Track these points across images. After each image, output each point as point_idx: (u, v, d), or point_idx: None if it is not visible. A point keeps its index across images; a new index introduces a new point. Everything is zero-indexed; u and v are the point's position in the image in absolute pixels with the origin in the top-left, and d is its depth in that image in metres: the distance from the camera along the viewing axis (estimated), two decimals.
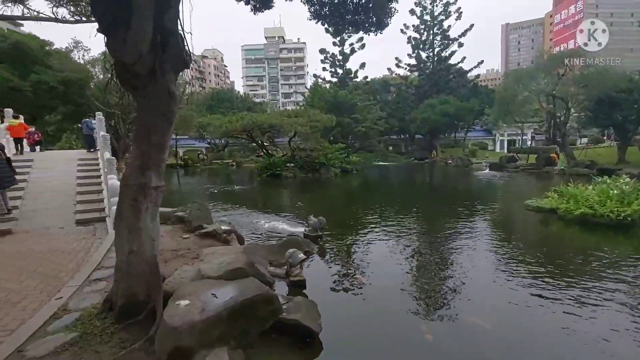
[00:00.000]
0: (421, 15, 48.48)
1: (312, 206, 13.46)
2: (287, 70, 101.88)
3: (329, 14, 5.85)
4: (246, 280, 3.52)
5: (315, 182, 22.28)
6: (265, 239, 8.12)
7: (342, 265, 6.42)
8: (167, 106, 3.16)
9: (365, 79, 50.55)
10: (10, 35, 27.64)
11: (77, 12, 6.75)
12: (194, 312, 2.85)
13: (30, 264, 5.03)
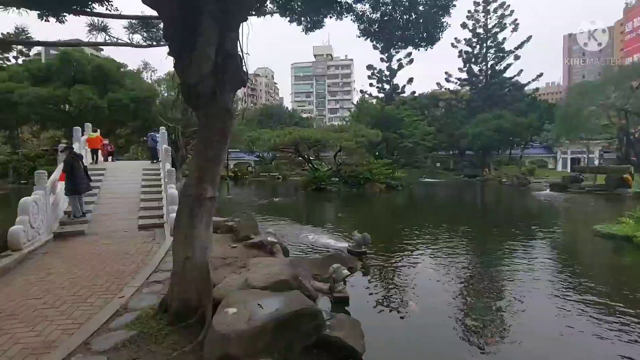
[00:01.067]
0: (474, 28, 46.96)
1: (355, 221, 13.33)
2: (334, 87, 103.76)
3: (378, 31, 5.89)
4: (291, 293, 3.55)
5: (360, 197, 22.08)
6: (309, 252, 8.16)
7: (387, 285, 6.22)
8: (224, 122, 3.37)
9: (412, 94, 49.76)
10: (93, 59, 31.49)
11: (149, 37, 7.51)
12: (241, 321, 2.93)
13: (99, 263, 5.54)
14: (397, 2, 5.46)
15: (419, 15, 5.54)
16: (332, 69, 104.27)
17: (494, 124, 39.21)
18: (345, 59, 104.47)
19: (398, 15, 5.60)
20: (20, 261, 5.58)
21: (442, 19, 5.56)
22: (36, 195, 6.86)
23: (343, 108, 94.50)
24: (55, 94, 28.96)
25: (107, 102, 28.88)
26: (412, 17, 5.61)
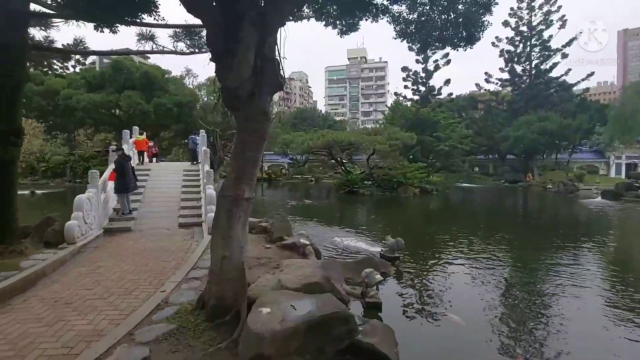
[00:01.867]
0: (517, 26, 44.59)
1: (388, 226, 13.09)
2: (367, 89, 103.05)
3: (414, 32, 5.76)
4: (324, 296, 3.54)
5: (393, 201, 21.67)
6: (341, 255, 8.12)
7: (420, 292, 6.04)
8: (262, 125, 3.46)
9: (449, 96, 48.19)
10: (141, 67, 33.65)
11: (192, 45, 7.91)
12: (275, 321, 2.97)
13: (143, 258, 5.88)
14: (435, 2, 5.32)
15: (458, 14, 5.36)
16: (366, 71, 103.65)
17: (538, 126, 36.90)
18: (379, 62, 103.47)
19: (436, 15, 5.46)
20: (75, 254, 6.05)
21: (483, 18, 5.34)
22: (89, 193, 7.43)
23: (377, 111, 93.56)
24: (107, 99, 31.33)
25: (153, 106, 30.77)
26: (450, 17, 5.44)
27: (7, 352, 2.97)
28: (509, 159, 44.59)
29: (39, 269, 4.92)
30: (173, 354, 2.96)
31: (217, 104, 3.78)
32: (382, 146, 26.27)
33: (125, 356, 2.85)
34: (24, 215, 6.53)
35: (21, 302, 4.11)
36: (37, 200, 20.69)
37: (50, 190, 26.59)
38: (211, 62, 3.42)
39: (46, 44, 7.56)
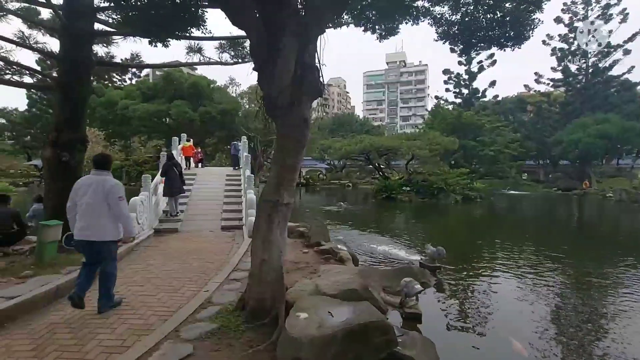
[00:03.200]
0: (570, 22, 41.48)
1: (428, 233, 12.66)
2: (406, 94, 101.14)
3: (458, 33, 5.57)
4: (362, 303, 3.49)
5: (433, 208, 20.96)
6: (379, 263, 7.98)
7: (463, 306, 5.74)
8: (302, 131, 3.52)
9: (495, 98, 45.89)
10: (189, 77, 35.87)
11: (235, 55, 8.30)
12: (312, 327, 2.98)
13: (189, 258, 6.19)
14: (480, 1, 5.11)
15: (505, 13, 5.10)
16: (405, 75, 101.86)
17: (595, 129, 33.84)
18: (419, 65, 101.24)
19: (481, 14, 5.24)
20: (129, 252, 6.53)
21: (533, 16, 5.04)
22: (142, 196, 8.00)
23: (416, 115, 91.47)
24: (159, 109, 33.75)
25: (199, 115, 32.66)
26: (497, 16, 5.19)
27: (69, 340, 3.26)
28: (562, 164, 41.34)
29: None
30: (215, 352, 3.07)
31: (258, 112, 3.92)
32: (421, 151, 25.61)
33: (171, 352, 3.01)
34: None
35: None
36: None
37: None
38: (254, 71, 3.56)
39: (107, 59, 8.30)
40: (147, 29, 5.24)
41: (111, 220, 3.81)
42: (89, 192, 3.79)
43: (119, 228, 3.88)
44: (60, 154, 6.05)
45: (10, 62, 6.74)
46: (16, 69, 7.03)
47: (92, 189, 3.79)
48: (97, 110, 34.42)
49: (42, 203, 6.84)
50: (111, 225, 3.82)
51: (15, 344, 3.19)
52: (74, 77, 6.31)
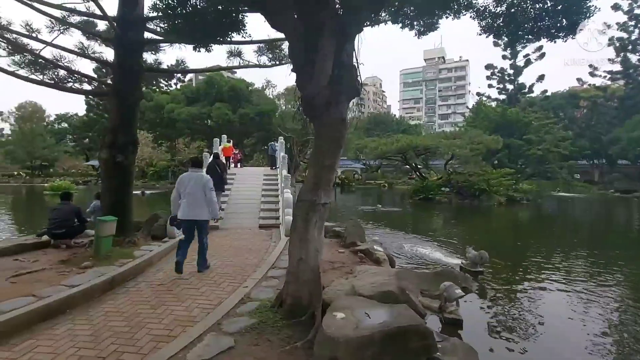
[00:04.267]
0: (630, 9, 37.67)
1: (469, 237, 12.13)
2: (446, 91, 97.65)
3: (503, 26, 5.28)
4: (399, 306, 3.42)
5: (474, 210, 20.05)
6: (416, 265, 7.78)
7: (507, 313, 5.43)
8: (339, 132, 3.53)
9: (543, 93, 42.94)
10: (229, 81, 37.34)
11: (273, 58, 8.48)
12: (349, 327, 2.97)
13: (229, 255, 6.44)
14: None
15: (556, 1, 4.75)
16: (444, 72, 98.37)
17: None
18: (459, 61, 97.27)
19: (529, 5, 4.92)
20: (174, 247, 6.88)
21: (588, 3, 4.64)
22: None
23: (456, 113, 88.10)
24: (201, 111, 35.54)
25: (238, 116, 33.94)
26: (547, 5, 4.85)
27: (123, 328, 3.51)
28: (620, 164, 37.67)
29: (147, 258, 5.74)
30: (254, 347, 3.16)
31: (296, 112, 3.98)
32: (461, 150, 24.60)
33: (214, 344, 3.14)
34: (137, 211, 7.66)
35: (134, 285, 4.83)
36: (147, 199, 24.20)
37: (157, 190, 30.93)
38: (292, 72, 3.62)
39: (156, 66, 8.85)
40: (191, 36, 5.51)
41: (206, 205, 5.16)
42: (190, 184, 5.13)
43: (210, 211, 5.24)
44: (115, 155, 6.56)
45: (72, 71, 7.40)
46: (77, 77, 7.70)
47: (193, 182, 5.15)
48: (146, 114, 36.91)
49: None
50: (206, 208, 5.18)
51: (77, 329, 3.50)
52: (127, 84, 6.80)
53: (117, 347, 3.14)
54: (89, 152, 52.07)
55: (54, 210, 6.65)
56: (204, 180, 5.26)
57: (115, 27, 6.57)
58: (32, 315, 3.56)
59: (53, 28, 7.19)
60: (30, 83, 6.93)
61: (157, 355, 2.97)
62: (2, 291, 4.09)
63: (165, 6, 4.75)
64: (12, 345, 3.14)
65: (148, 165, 40.44)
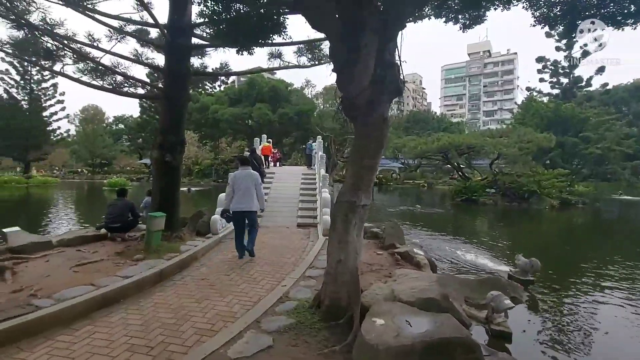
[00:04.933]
0: None
1: (517, 242, 11.39)
2: (491, 86, 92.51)
3: (560, 15, 4.85)
4: (443, 315, 3.27)
5: (523, 214, 18.78)
6: (460, 271, 7.43)
7: (562, 328, 4.98)
8: (381, 132, 3.44)
9: (603, 87, 39.10)
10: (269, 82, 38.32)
11: (312, 58, 8.50)
12: (389, 335, 2.88)
13: (268, 252, 6.57)
14: None
15: None
16: (489, 66, 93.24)
17: None
18: (506, 54, 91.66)
19: None
20: (217, 243, 7.21)
21: None
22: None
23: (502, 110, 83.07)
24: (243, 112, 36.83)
25: (277, 116, 34.72)
26: None
27: (170, 320, 3.70)
28: None
29: (192, 253, 6.03)
30: (293, 347, 3.18)
31: (336, 112, 3.94)
32: (509, 149, 23.13)
33: (253, 341, 3.20)
34: (183, 208, 8.07)
35: (180, 279, 5.08)
36: (192, 196, 25.49)
37: (201, 188, 32.52)
38: (333, 73, 3.58)
39: (202, 69, 9.25)
40: (235, 39, 5.69)
41: (255, 199, 6.01)
42: (243, 180, 5.98)
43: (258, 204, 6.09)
44: (164, 154, 6.95)
45: (128, 76, 7.96)
46: (132, 82, 8.27)
47: (245, 178, 6.00)
48: (192, 115, 38.94)
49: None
50: (256, 201, 6.03)
51: (129, 318, 3.74)
52: (176, 87, 7.17)
53: (164, 337, 3.31)
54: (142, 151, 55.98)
55: (111, 206, 7.20)
56: (254, 176, 6.10)
57: (165, 34, 6.95)
58: (91, 303, 3.87)
59: (111, 37, 7.76)
60: (91, 88, 7.55)
61: (200, 349, 3.09)
62: (67, 279, 4.49)
63: (211, 12, 4.94)
64: (74, 330, 3.42)
65: (194, 164, 42.62)
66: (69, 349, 3.08)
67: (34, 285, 4.18)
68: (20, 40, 6.86)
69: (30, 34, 6.71)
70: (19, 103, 46.35)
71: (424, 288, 4.25)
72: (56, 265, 5.06)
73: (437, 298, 4.03)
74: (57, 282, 4.35)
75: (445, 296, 4.17)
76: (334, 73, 3.57)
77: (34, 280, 4.39)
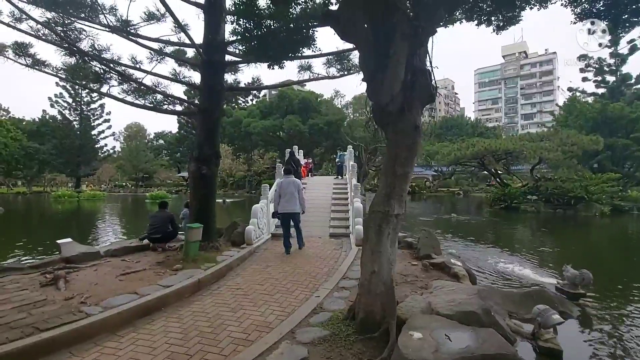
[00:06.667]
0: None
1: (563, 252, 10.60)
2: (529, 88, 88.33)
3: (604, 10, 4.55)
4: (485, 330, 3.09)
5: (568, 221, 17.54)
6: (501, 283, 7.02)
7: (616, 346, 4.52)
8: (413, 139, 3.37)
9: None
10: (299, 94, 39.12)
11: (342, 69, 8.57)
12: (427, 350, 2.76)
13: (301, 262, 6.58)
14: None
15: None
16: (526, 68, 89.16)
17: None
18: (545, 54, 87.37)
19: None
20: (252, 253, 7.34)
21: None
22: (261, 203, 8.93)
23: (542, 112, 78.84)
24: (274, 124, 37.74)
25: (308, 127, 35.19)
26: None
27: (207, 329, 3.79)
28: None
29: (228, 263, 6.18)
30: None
31: (367, 121, 3.91)
32: (551, 153, 21.81)
33: (288, 353, 3.20)
34: (218, 219, 8.30)
35: (216, 288, 5.21)
36: (227, 207, 26.28)
37: (235, 199, 33.48)
38: (363, 82, 3.58)
39: (235, 85, 9.61)
40: (266, 54, 5.88)
41: (299, 202, 7.31)
42: (288, 187, 7.23)
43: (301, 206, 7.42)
44: (201, 167, 7.25)
45: (167, 94, 8.45)
46: (171, 100, 8.77)
47: (289, 185, 7.26)
48: (226, 129, 40.47)
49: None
50: (299, 204, 7.34)
51: (169, 326, 3.88)
52: (211, 102, 7.50)
53: (202, 346, 3.39)
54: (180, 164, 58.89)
55: (153, 217, 7.58)
56: (297, 183, 7.38)
57: (201, 52, 7.32)
58: (135, 310, 4.06)
59: (152, 58, 8.29)
60: (135, 107, 8.08)
61: (237, 358, 3.13)
62: (113, 287, 4.75)
63: (243, 30, 5.16)
64: (119, 337, 3.60)
65: (228, 176, 44.05)
66: (115, 355, 3.23)
67: (84, 292, 4.46)
68: (73, 65, 7.52)
69: (80, 59, 7.32)
70: (71, 123, 50.74)
71: (464, 301, 4.05)
72: (103, 274, 5.38)
73: (478, 312, 3.82)
74: (105, 290, 4.62)
75: (487, 310, 3.94)
76: (364, 82, 3.56)
77: (84, 288, 4.68)
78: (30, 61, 7.01)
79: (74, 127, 51.00)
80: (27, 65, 7.03)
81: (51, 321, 3.54)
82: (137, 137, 67.69)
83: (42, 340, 3.23)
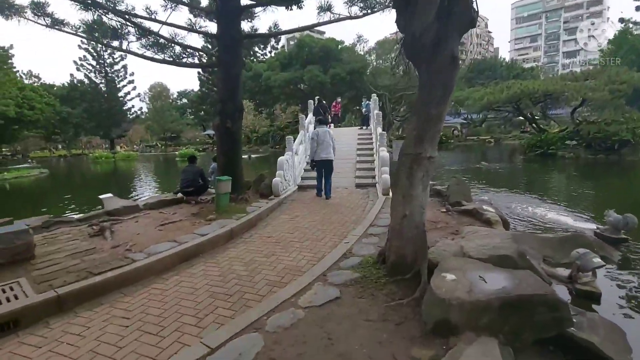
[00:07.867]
0: None
1: (605, 198, 10.07)
2: (574, 21, 78.89)
3: None
4: (522, 272, 3.01)
5: (611, 167, 16.48)
6: (536, 229, 6.83)
7: None
8: (449, 74, 3.08)
9: None
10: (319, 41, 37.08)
11: (365, 7, 7.88)
12: (462, 290, 2.74)
13: (328, 212, 6.66)
14: None
15: None
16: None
17: None
18: None
19: None
20: (280, 204, 7.49)
21: None
22: (287, 155, 8.93)
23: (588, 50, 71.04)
24: (294, 75, 36.55)
25: (329, 77, 33.84)
26: None
27: (243, 272, 3.98)
28: None
29: (258, 213, 6.35)
30: (359, 299, 3.22)
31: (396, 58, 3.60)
32: (597, 93, 19.96)
33: (321, 292, 3.31)
34: (245, 173, 8.44)
35: (248, 237, 5.41)
36: (252, 162, 26.74)
37: (260, 154, 33.92)
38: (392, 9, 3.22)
39: (253, 32, 9.16)
40: None
41: (332, 150, 7.89)
42: (325, 136, 7.81)
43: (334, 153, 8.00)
44: (225, 121, 7.21)
45: (185, 46, 8.22)
46: (189, 52, 8.54)
47: (325, 134, 7.84)
48: (246, 83, 39.73)
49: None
50: (333, 152, 7.93)
51: (208, 269, 4.11)
52: (230, 53, 7.23)
53: (240, 287, 3.58)
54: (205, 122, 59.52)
55: (184, 172, 7.80)
56: (330, 133, 8.02)
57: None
58: (176, 256, 4.32)
59: (166, 7, 7.95)
60: (155, 62, 7.95)
61: (273, 297, 3.28)
62: (154, 236, 5.04)
63: None
64: (164, 279, 3.87)
65: (252, 132, 44.25)
66: (162, 295, 3.49)
67: (129, 241, 4.76)
68: (90, 23, 7.38)
69: (96, 13, 7.15)
70: (97, 86, 51.72)
71: (497, 245, 3.95)
72: (144, 225, 5.70)
73: (513, 255, 3.72)
74: (147, 239, 4.91)
75: (522, 254, 3.83)
76: (394, 9, 3.20)
77: (128, 237, 4.99)
78: (49, 21, 6.92)
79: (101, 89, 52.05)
80: (47, 25, 6.95)
81: (102, 266, 3.83)
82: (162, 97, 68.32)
83: (97, 282, 3.52)
